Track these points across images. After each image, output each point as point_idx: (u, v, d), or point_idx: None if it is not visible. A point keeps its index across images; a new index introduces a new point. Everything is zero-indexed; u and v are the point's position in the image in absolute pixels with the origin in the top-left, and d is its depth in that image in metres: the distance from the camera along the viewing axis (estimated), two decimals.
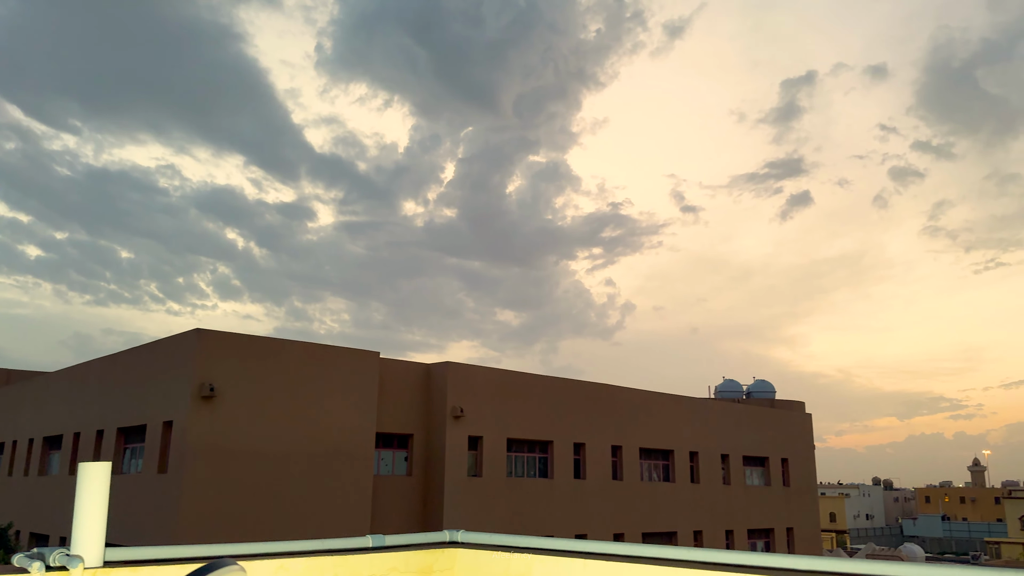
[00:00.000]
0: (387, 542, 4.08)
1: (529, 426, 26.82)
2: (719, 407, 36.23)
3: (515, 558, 4.02)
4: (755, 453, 36.46)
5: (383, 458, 23.92)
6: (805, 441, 39.79)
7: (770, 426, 37.74)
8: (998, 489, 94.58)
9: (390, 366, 24.01)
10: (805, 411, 41.99)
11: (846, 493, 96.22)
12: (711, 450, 33.98)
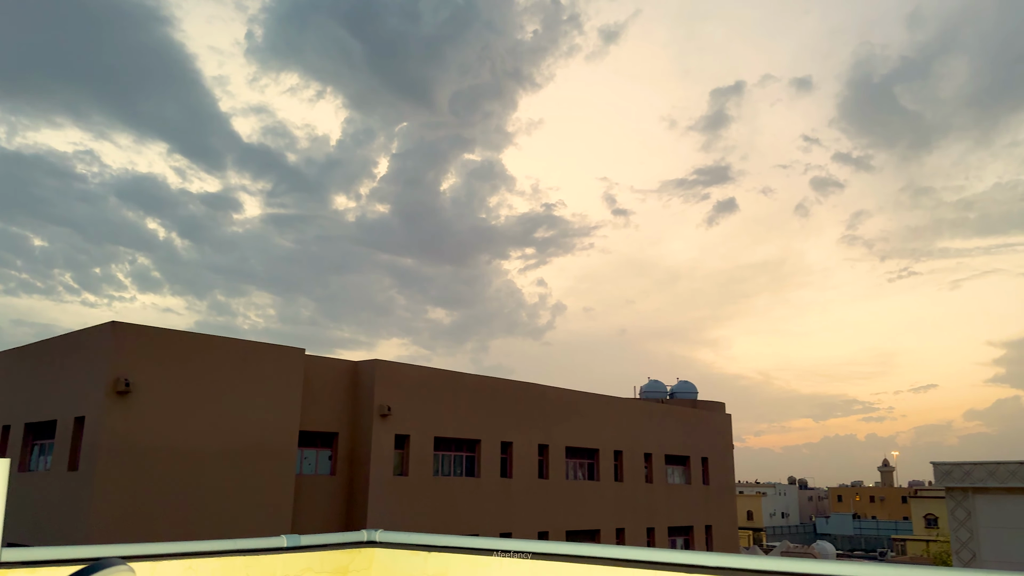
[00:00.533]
0: (302, 542, 4.02)
1: (457, 425, 26.78)
2: (644, 407, 36.92)
3: (432, 557, 4.02)
4: (677, 452, 37.29)
5: (306, 457, 23.51)
6: (725, 441, 40.90)
7: (692, 426, 38.66)
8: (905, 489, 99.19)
9: (316, 363, 23.62)
10: (725, 412, 43.15)
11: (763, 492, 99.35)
12: (635, 449, 34.59)
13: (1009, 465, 17.43)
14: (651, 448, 35.57)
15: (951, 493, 18.43)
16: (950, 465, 18.66)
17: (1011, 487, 16.99)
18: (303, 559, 3.92)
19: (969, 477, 17.86)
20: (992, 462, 17.61)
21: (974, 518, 18.02)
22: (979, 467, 17.99)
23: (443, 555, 3.95)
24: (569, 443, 31.40)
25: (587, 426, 32.42)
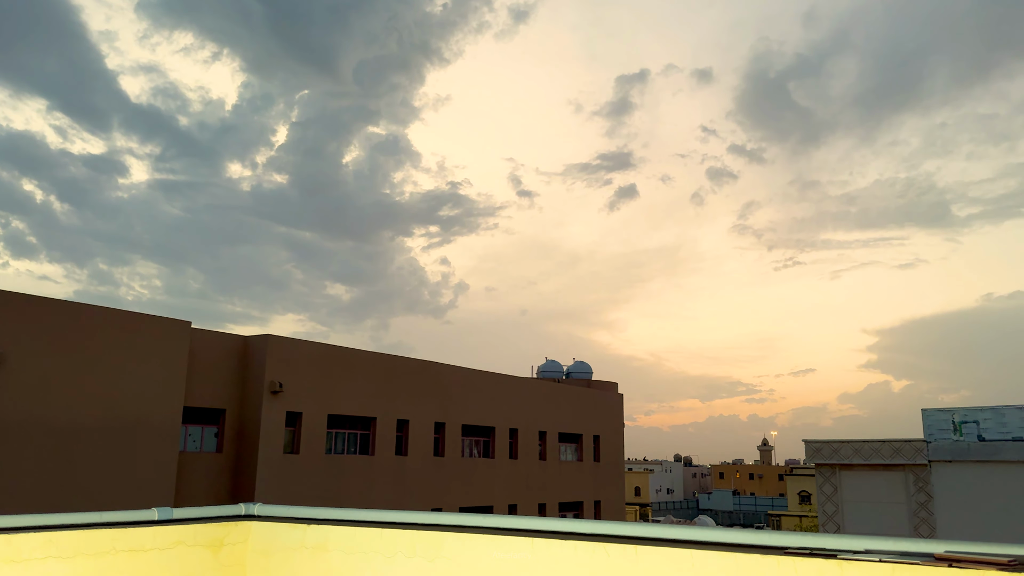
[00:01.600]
0: (175, 515, 3.88)
1: (352, 402, 26.45)
2: (540, 386, 37.51)
3: (311, 530, 3.96)
4: (570, 430, 38.13)
5: (191, 434, 22.69)
6: (616, 420, 42.13)
7: (585, 405, 39.60)
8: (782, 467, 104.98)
9: (203, 337, 22.76)
10: (618, 392, 44.40)
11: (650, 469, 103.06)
12: (530, 427, 35.14)
13: (873, 443, 18.80)
14: (546, 426, 36.22)
15: (820, 469, 19.77)
16: (820, 443, 19.98)
17: (874, 464, 18.37)
18: (175, 532, 3.79)
19: (837, 454, 19.18)
20: (858, 440, 18.99)
21: (840, 493, 19.36)
22: (846, 445, 19.33)
23: (323, 527, 3.91)
24: (465, 421, 31.57)
25: (484, 404, 32.67)
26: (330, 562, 3.85)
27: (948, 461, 16.64)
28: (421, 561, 3.59)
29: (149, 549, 3.68)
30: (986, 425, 17.36)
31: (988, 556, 2.48)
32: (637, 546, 3.09)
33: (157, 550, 3.71)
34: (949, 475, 16.71)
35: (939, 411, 17.81)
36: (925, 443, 17.13)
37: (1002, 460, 16.18)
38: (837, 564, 2.64)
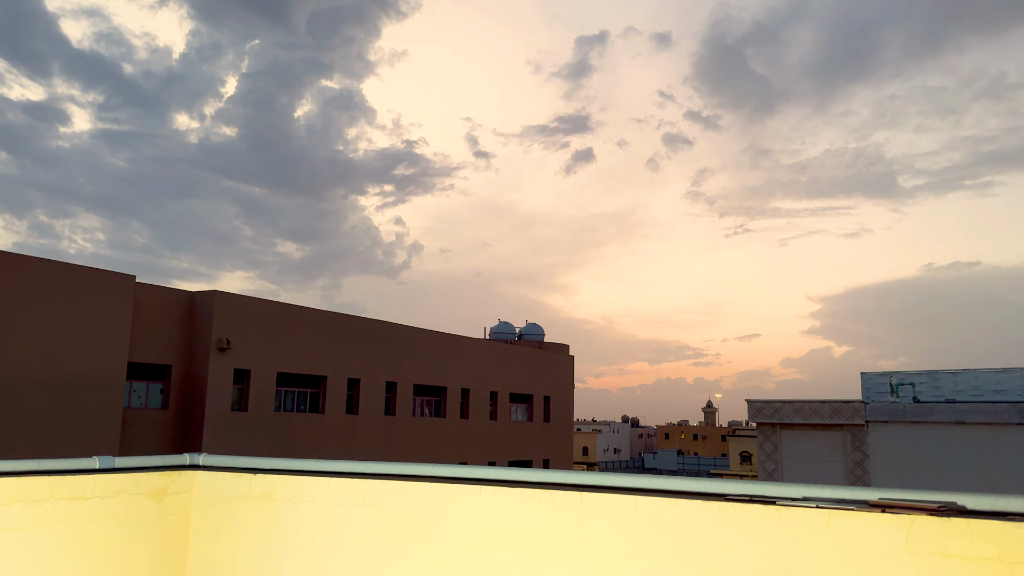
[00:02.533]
0: (117, 464, 3.81)
1: (302, 361, 26.22)
2: (492, 347, 37.68)
3: (257, 479, 3.93)
4: (521, 391, 38.50)
5: (136, 390, 22.27)
6: (566, 381, 42.65)
7: (537, 366, 39.96)
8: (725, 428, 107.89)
9: (148, 292, 22.23)
10: (569, 354, 44.87)
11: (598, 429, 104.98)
12: (481, 388, 35.37)
13: (812, 404, 19.46)
14: (497, 387, 36.49)
15: (761, 428, 20.42)
16: (762, 403, 20.62)
17: (813, 423, 19.04)
18: (117, 480, 3.72)
19: (778, 414, 19.82)
20: (798, 400, 19.63)
21: (780, 451, 20.04)
22: (787, 405, 19.97)
23: (269, 477, 3.88)
24: (417, 381, 31.61)
25: (436, 365, 32.72)
26: (276, 511, 3.83)
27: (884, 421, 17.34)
28: (369, 509, 3.60)
29: (89, 497, 3.61)
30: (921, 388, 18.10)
31: (919, 502, 2.58)
32: (582, 493, 3.14)
33: (98, 498, 3.65)
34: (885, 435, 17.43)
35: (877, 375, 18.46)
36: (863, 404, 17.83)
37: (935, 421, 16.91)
38: (775, 510, 2.72)
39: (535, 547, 3.18)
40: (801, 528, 2.66)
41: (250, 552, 3.86)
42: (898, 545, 2.49)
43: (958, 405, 16.28)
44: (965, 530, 2.41)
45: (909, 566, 2.46)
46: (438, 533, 3.40)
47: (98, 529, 3.63)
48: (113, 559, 3.68)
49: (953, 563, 2.40)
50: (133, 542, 3.77)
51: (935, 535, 2.45)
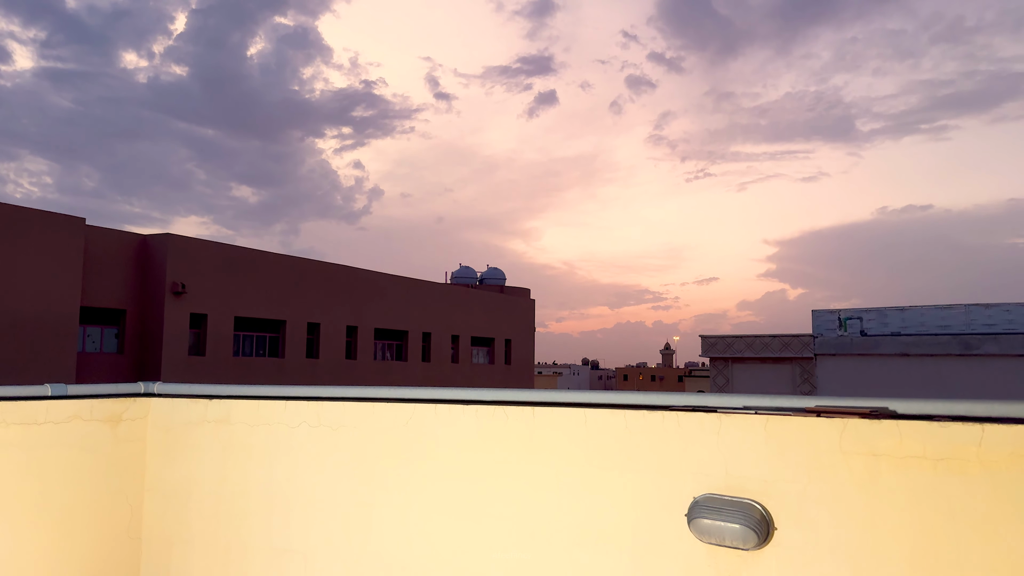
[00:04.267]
0: (69, 391, 3.79)
1: (260, 305, 25.99)
2: (453, 291, 37.75)
3: (214, 404, 3.95)
4: (483, 334, 38.77)
5: (90, 334, 21.92)
6: (528, 325, 43.02)
7: (498, 310, 40.19)
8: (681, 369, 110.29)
9: (99, 235, 21.71)
10: (530, 297, 45.17)
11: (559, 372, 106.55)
12: (443, 331, 35.53)
13: (763, 338, 20.02)
14: (458, 330, 36.69)
15: (714, 363, 21.00)
16: (715, 338, 21.15)
17: (764, 357, 19.66)
18: (70, 406, 3.71)
19: (730, 348, 20.38)
20: (750, 335, 20.20)
21: (731, 385, 20.66)
22: (739, 340, 20.54)
23: (225, 402, 3.91)
24: (378, 325, 31.61)
25: (397, 309, 32.70)
26: (233, 434, 3.87)
27: (832, 354, 17.94)
28: (326, 430, 3.65)
29: (43, 423, 3.60)
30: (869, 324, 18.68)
31: (852, 408, 2.71)
32: (534, 408, 3.23)
33: (51, 423, 3.64)
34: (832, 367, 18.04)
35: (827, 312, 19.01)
36: (812, 338, 18.39)
37: (881, 353, 17.52)
38: (716, 417, 2.84)
39: (489, 461, 3.27)
40: (740, 433, 2.78)
41: (208, 476, 3.90)
42: (831, 446, 2.63)
43: (903, 338, 16.87)
44: (894, 431, 2.54)
45: (841, 466, 2.60)
46: (395, 452, 3.48)
47: (53, 455, 3.64)
48: (69, 484, 3.69)
49: (883, 461, 2.54)
50: (89, 468, 3.78)
51: (866, 436, 2.58)
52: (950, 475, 2.44)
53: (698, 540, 2.76)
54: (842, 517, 2.58)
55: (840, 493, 2.59)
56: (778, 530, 2.67)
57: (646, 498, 2.91)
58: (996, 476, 2.38)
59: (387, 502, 3.46)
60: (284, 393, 3.85)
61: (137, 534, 3.99)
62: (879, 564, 2.51)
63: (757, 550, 2.68)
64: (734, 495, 2.75)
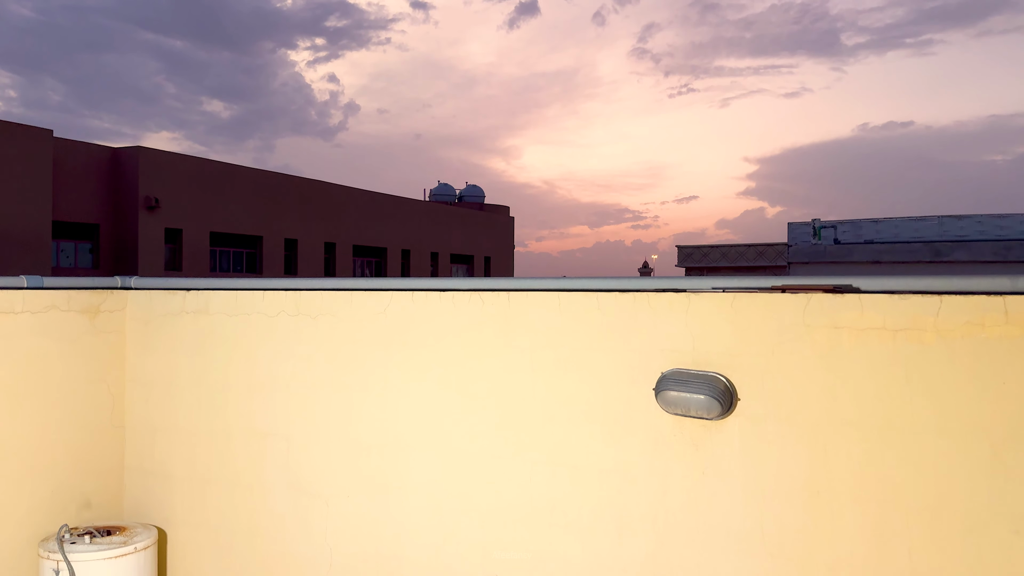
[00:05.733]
0: (45, 283, 3.79)
1: (236, 220, 25.72)
2: (432, 209, 37.52)
3: (192, 296, 3.98)
4: (462, 252, 38.77)
5: (64, 249, 21.66)
6: (507, 243, 43.05)
7: (477, 228, 40.09)
8: None
9: (68, 148, 21.19)
10: (509, 215, 45.05)
11: None
12: (422, 249, 35.49)
13: (739, 247, 20.29)
14: (438, 248, 36.65)
15: (689, 273, 21.28)
16: (691, 248, 21.39)
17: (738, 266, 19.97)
18: (47, 296, 3.72)
19: (706, 259, 20.64)
20: (725, 244, 20.44)
21: None
22: (714, 249, 20.79)
23: (203, 293, 3.93)
24: (357, 242, 31.48)
25: (376, 226, 32.51)
26: (212, 325, 3.91)
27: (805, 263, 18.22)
28: (305, 319, 3.70)
29: (20, 311, 3.62)
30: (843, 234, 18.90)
31: (816, 285, 2.79)
32: (509, 293, 3.28)
33: (29, 312, 3.65)
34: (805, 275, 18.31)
35: (803, 224, 19.17)
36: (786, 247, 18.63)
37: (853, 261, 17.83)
38: (685, 296, 2.91)
39: (466, 346, 3.34)
40: (708, 311, 2.86)
41: (188, 366, 3.96)
42: (795, 321, 2.71)
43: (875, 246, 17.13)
44: (856, 304, 2.63)
45: (804, 339, 2.69)
46: (373, 338, 3.54)
47: (31, 343, 3.67)
48: (51, 373, 3.74)
49: (844, 334, 2.64)
50: (69, 357, 3.82)
51: (829, 310, 2.67)
52: (908, 344, 2.54)
53: (665, 412, 2.88)
54: (803, 387, 2.69)
55: (802, 365, 2.69)
56: (741, 401, 2.78)
57: (617, 376, 3.01)
58: (951, 345, 2.48)
59: (366, 388, 3.55)
60: (261, 285, 3.87)
61: (120, 423, 4.07)
62: (836, 430, 2.63)
63: (720, 419, 2.80)
64: (700, 369, 2.85)
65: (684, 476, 2.87)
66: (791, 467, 2.70)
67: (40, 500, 3.67)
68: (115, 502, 4.03)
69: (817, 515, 2.66)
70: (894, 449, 2.55)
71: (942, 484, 2.49)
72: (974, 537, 2.44)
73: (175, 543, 3.96)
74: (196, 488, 3.91)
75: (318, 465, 3.63)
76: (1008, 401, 2.40)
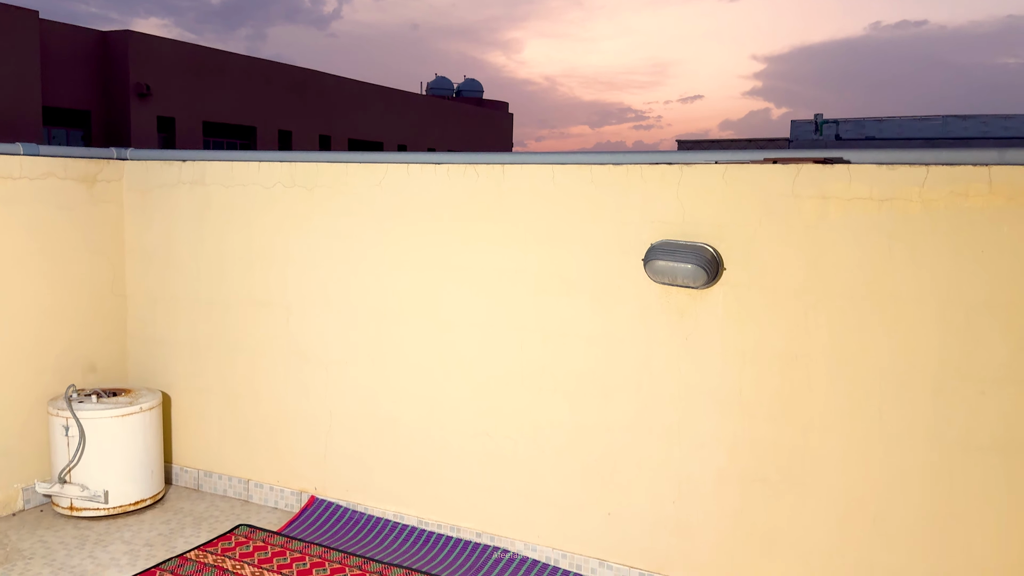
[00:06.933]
0: (41, 151, 3.79)
1: (230, 110, 25.22)
2: (429, 103, 36.76)
3: (188, 166, 3.99)
4: (459, 148, 38.27)
5: (56, 136, 21.32)
6: (505, 140, 42.42)
7: (475, 124, 39.40)
8: None
9: (55, 30, 20.53)
10: (508, 112, 44.19)
11: None
12: (418, 144, 34.98)
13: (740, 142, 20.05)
14: (434, 143, 36.12)
15: None
16: (692, 142, 21.17)
17: None
18: (44, 163, 3.72)
19: None
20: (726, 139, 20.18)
21: None
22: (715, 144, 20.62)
23: (199, 163, 3.93)
24: (352, 136, 30.99)
25: (372, 119, 31.92)
26: (209, 196, 3.93)
27: None
28: (301, 191, 3.72)
29: (18, 177, 3.63)
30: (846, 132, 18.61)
31: (808, 157, 2.81)
32: (504, 166, 3.30)
33: (27, 179, 3.67)
34: None
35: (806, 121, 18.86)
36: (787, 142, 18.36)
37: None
38: (678, 168, 2.94)
39: (461, 218, 3.39)
40: (699, 183, 2.90)
41: (187, 237, 4.01)
42: (784, 191, 2.75)
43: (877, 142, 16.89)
44: (844, 174, 2.66)
45: (792, 209, 2.74)
46: (369, 211, 3.58)
47: (31, 210, 3.70)
48: (51, 240, 3.79)
49: (831, 204, 2.69)
50: (69, 226, 3.86)
51: (818, 180, 2.70)
52: (893, 214, 2.59)
53: (653, 282, 2.95)
54: (788, 256, 2.75)
55: (788, 235, 2.75)
56: (727, 270, 2.85)
57: (607, 248, 3.07)
58: (935, 214, 2.53)
59: (361, 258, 3.61)
60: (257, 156, 3.88)
61: (122, 291, 4.16)
62: (817, 298, 2.72)
63: (706, 288, 2.88)
64: (689, 240, 2.91)
65: (668, 343, 2.98)
66: (771, 333, 2.80)
67: (47, 363, 3.79)
68: (119, 368, 4.16)
69: (793, 378, 2.78)
70: (872, 316, 2.65)
71: (916, 349, 2.59)
72: (942, 397, 2.57)
73: (179, 406, 4.12)
74: (198, 355, 4.03)
75: (317, 333, 3.74)
76: (986, 269, 2.48)
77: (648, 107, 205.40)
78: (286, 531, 3.60)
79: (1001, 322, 2.47)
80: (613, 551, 3.16)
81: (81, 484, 3.61)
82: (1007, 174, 2.43)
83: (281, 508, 3.89)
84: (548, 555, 3.29)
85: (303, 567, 3.24)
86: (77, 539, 3.49)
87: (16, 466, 3.72)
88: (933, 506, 2.60)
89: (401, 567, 3.24)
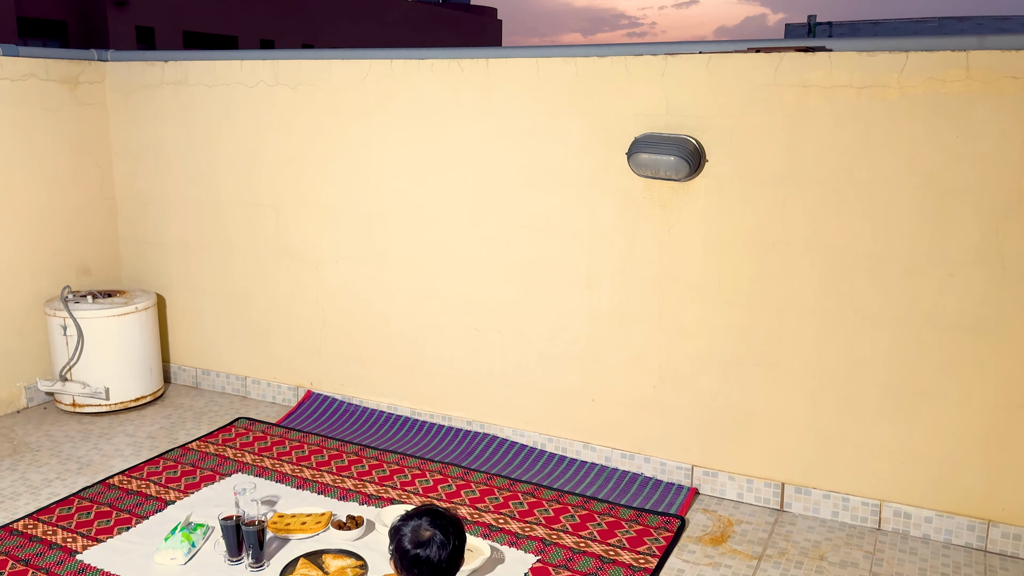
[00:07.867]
0: (21, 52, 3.73)
1: (210, 20, 24.44)
2: (416, 9, 35.66)
3: (170, 66, 3.94)
4: None
5: None
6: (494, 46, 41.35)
7: (462, 31, 38.34)
8: None
9: None
10: (497, 18, 42.92)
11: None
12: None
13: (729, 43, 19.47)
14: None
15: None
16: None
17: None
18: (25, 64, 3.67)
19: None
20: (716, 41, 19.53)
21: None
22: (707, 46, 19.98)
23: (182, 63, 3.89)
24: (337, 44, 30.16)
25: (356, 28, 31.01)
26: (193, 96, 3.91)
27: None
28: (284, 89, 3.70)
29: None
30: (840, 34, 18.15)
31: (789, 45, 2.81)
32: (488, 60, 3.29)
33: (8, 80, 3.64)
34: None
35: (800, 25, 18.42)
36: None
37: None
38: (662, 59, 2.94)
39: (446, 113, 3.39)
40: (683, 74, 2.91)
41: (173, 137, 4.00)
42: (766, 80, 2.77)
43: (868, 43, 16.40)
44: (825, 62, 2.68)
45: (774, 99, 2.76)
46: (353, 108, 3.57)
47: (14, 111, 3.68)
48: (36, 141, 3.78)
49: (812, 92, 2.71)
50: (53, 127, 3.85)
51: (799, 69, 2.72)
52: (872, 101, 2.62)
53: (636, 175, 3.00)
54: (770, 146, 2.79)
55: (770, 124, 2.78)
56: (709, 161, 2.90)
57: (591, 141, 3.10)
58: (912, 100, 2.56)
59: (347, 157, 3.63)
60: (239, 55, 3.83)
61: (111, 194, 4.18)
62: (796, 187, 2.78)
63: (688, 180, 2.93)
64: (672, 132, 2.94)
65: (650, 234, 3.05)
66: (750, 222, 2.87)
67: (40, 264, 3.85)
68: (113, 270, 4.22)
69: (770, 265, 2.86)
70: (848, 202, 2.71)
71: (889, 233, 2.67)
72: (913, 280, 2.66)
73: (173, 306, 4.21)
74: (190, 256, 4.09)
75: (307, 233, 3.79)
76: (961, 153, 2.53)
77: (642, 13, 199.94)
78: (284, 422, 3.74)
79: (972, 206, 2.54)
80: (597, 434, 3.31)
81: (82, 382, 3.72)
82: (984, 59, 2.45)
83: (279, 403, 4.03)
84: (535, 440, 3.45)
85: (302, 454, 3.39)
86: (81, 433, 3.62)
87: (17, 365, 3.83)
88: (901, 382, 2.73)
89: (396, 452, 3.40)
